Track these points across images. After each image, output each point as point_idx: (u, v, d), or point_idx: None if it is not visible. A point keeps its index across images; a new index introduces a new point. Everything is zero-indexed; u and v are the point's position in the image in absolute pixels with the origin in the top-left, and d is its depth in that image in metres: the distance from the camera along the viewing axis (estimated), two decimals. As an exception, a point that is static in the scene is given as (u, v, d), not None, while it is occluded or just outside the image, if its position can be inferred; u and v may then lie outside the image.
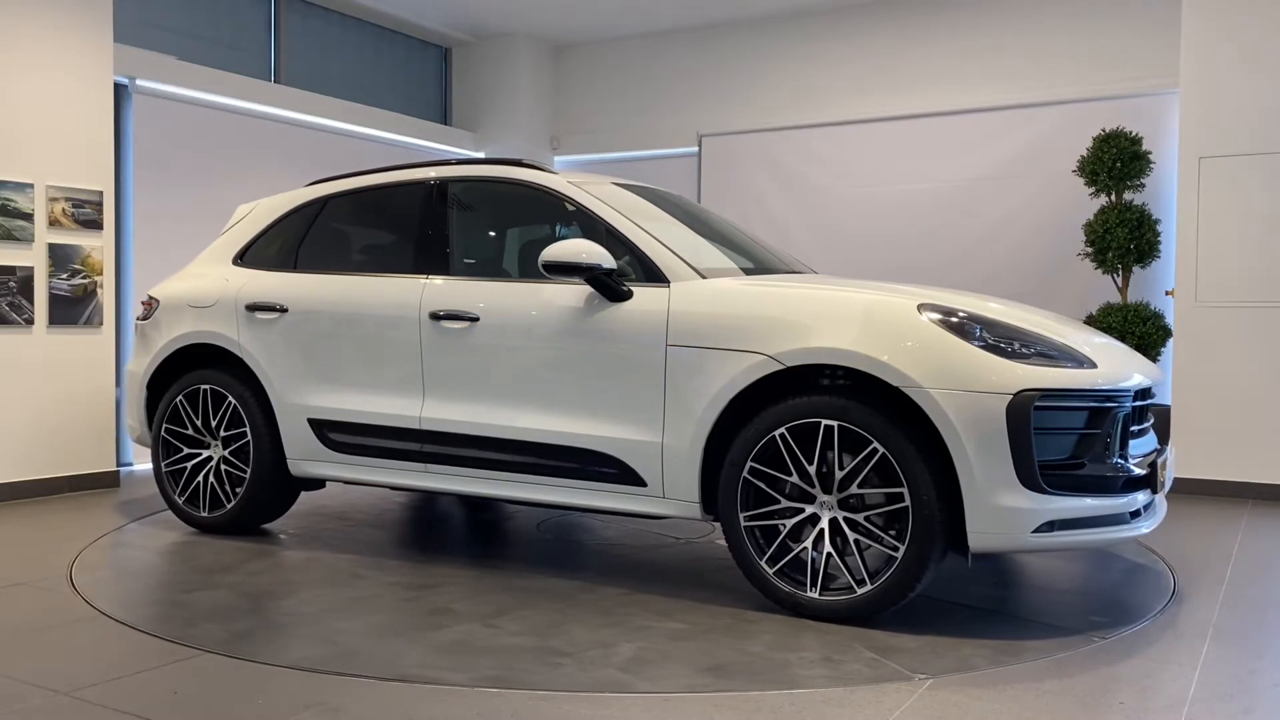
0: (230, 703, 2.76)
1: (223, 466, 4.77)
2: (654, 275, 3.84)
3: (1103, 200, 6.78)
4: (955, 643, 3.27)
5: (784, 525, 3.51)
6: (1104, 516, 3.32)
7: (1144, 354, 6.47)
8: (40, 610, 3.58)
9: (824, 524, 3.44)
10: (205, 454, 4.82)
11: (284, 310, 4.63)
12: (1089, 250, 6.67)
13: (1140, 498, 3.40)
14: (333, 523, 5.15)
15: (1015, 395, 3.20)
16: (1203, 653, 3.22)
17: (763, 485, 3.53)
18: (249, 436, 4.65)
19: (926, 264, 7.49)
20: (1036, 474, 3.20)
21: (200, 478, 4.82)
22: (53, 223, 5.66)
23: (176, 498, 4.88)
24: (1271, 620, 3.62)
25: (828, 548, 3.43)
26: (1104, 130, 6.70)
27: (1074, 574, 4.23)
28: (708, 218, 4.88)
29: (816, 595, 3.46)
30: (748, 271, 4.26)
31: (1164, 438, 4.02)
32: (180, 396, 4.85)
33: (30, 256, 5.59)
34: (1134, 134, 6.61)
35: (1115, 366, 3.48)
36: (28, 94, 5.57)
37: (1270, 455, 5.96)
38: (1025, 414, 3.19)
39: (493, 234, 4.80)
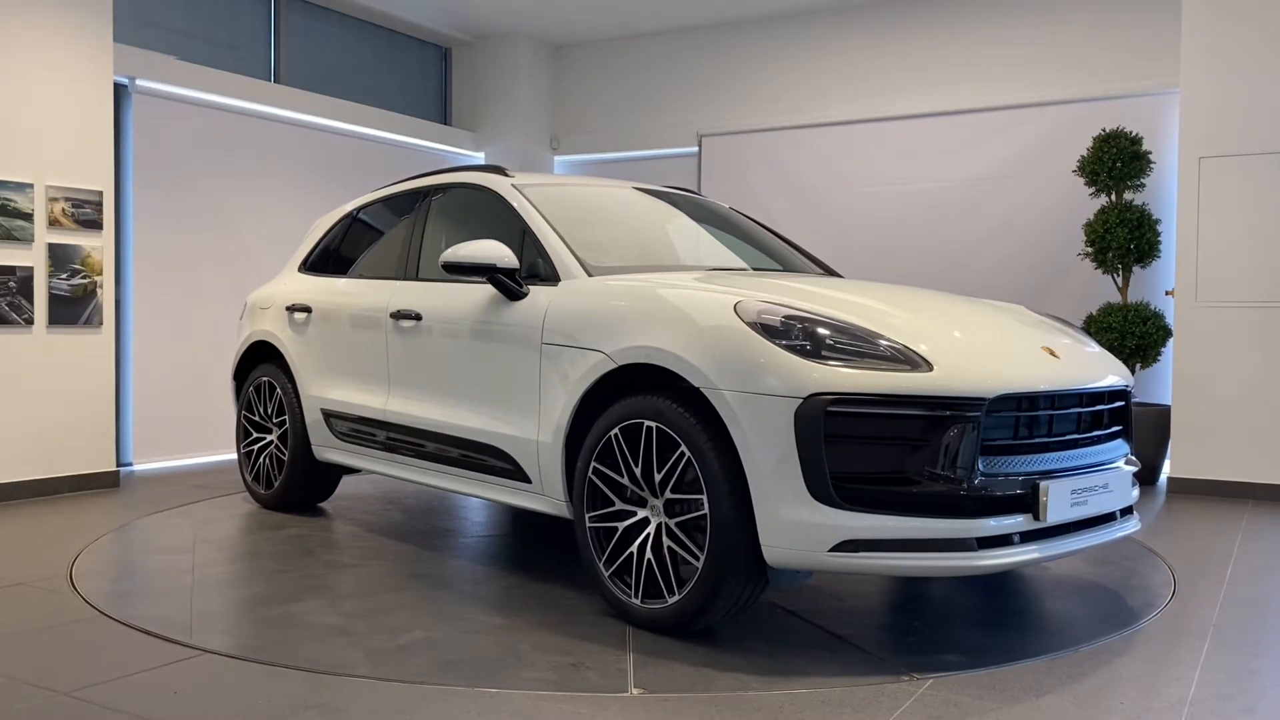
0: (230, 703, 2.76)
1: (274, 450, 5.29)
2: (553, 274, 3.88)
3: (1103, 200, 6.78)
4: (711, 676, 2.96)
5: (619, 528, 3.39)
6: (933, 540, 2.93)
7: (1144, 354, 6.47)
8: (40, 610, 3.58)
9: (651, 529, 3.30)
10: (268, 438, 5.33)
11: (309, 310, 5.11)
12: (1089, 250, 6.67)
13: (1005, 523, 2.99)
14: (378, 504, 5.59)
15: (805, 399, 2.93)
16: (1203, 653, 3.22)
17: (603, 487, 3.44)
18: (288, 424, 5.14)
19: (926, 264, 7.49)
20: (829, 486, 2.91)
21: (261, 459, 5.38)
22: (52, 223, 5.66)
23: (247, 475, 5.47)
24: (1271, 620, 3.62)
25: (649, 554, 3.29)
26: (1104, 130, 6.70)
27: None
28: (734, 222, 4.91)
29: (639, 602, 3.32)
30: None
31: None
32: (251, 387, 5.43)
33: (30, 256, 5.59)
34: (1134, 134, 6.61)
35: (969, 370, 3.06)
36: (28, 94, 5.56)
37: (1270, 455, 5.95)
38: (815, 420, 2.91)
39: (456, 237, 4.86)
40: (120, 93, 6.46)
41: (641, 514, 3.35)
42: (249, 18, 7.72)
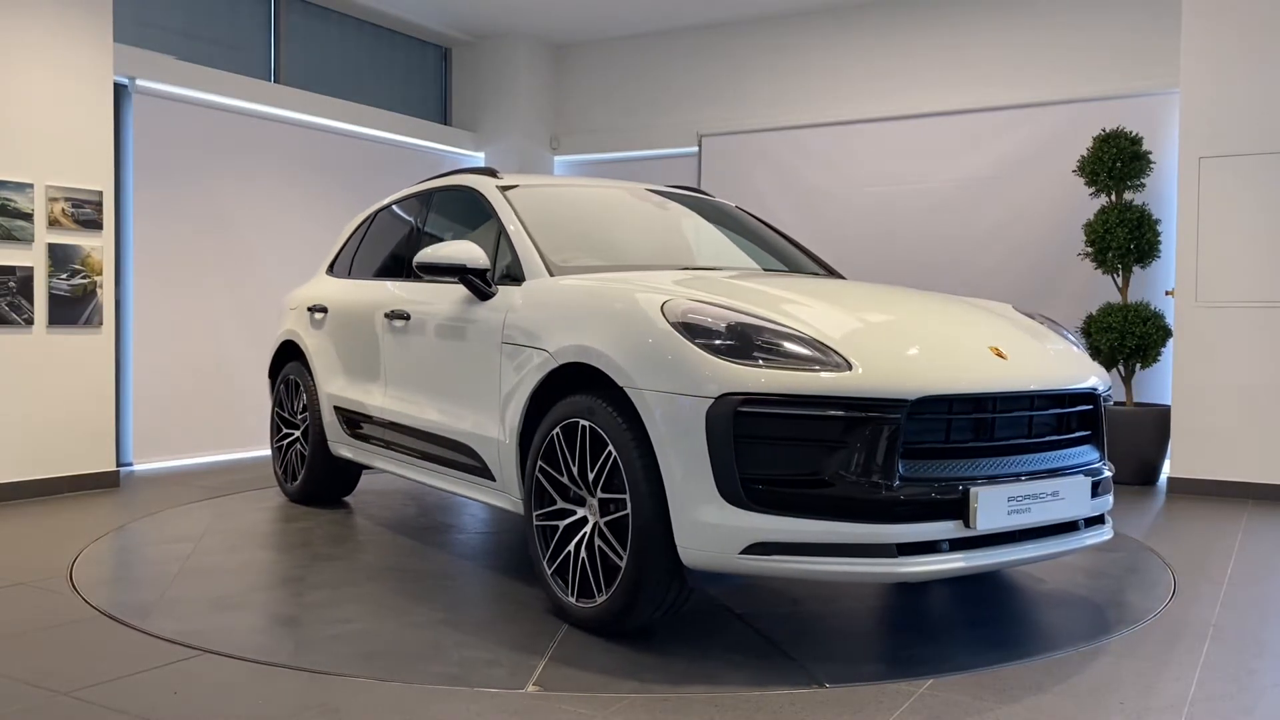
0: (230, 702, 2.76)
1: (298, 446, 5.45)
2: (521, 274, 3.89)
3: (1103, 200, 6.78)
4: (620, 677, 2.93)
5: (560, 526, 3.38)
6: (850, 545, 2.84)
7: (1144, 354, 6.46)
8: (40, 610, 3.58)
9: (588, 528, 3.28)
10: (294, 434, 5.49)
11: (326, 311, 5.26)
12: (1089, 250, 6.67)
13: (929, 529, 2.88)
14: (398, 500, 5.69)
15: (716, 399, 2.89)
16: (1203, 653, 3.22)
17: (548, 486, 3.44)
18: (309, 420, 5.30)
19: (926, 264, 7.48)
20: (739, 488, 2.87)
21: (289, 454, 5.55)
22: (52, 223, 5.66)
23: (277, 469, 5.66)
24: (1271, 620, 3.62)
25: (583, 553, 3.27)
26: (1104, 130, 6.70)
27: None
28: (738, 221, 4.90)
29: (574, 601, 3.31)
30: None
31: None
32: (280, 384, 5.62)
33: (30, 256, 5.59)
34: (1134, 134, 6.61)
35: (892, 371, 2.96)
36: (28, 94, 5.56)
37: (1270, 455, 5.95)
38: (726, 420, 2.87)
39: (449, 239, 4.89)
40: (120, 93, 6.46)
41: (581, 513, 3.34)
42: (249, 18, 7.72)
